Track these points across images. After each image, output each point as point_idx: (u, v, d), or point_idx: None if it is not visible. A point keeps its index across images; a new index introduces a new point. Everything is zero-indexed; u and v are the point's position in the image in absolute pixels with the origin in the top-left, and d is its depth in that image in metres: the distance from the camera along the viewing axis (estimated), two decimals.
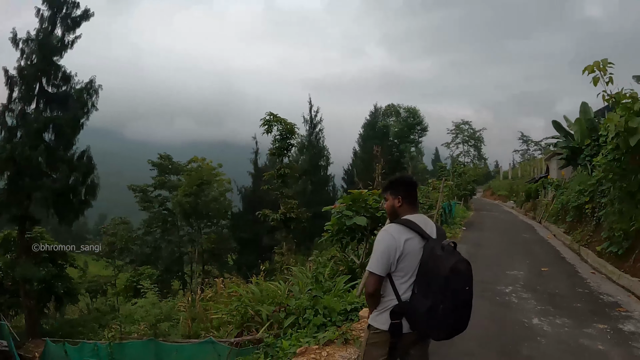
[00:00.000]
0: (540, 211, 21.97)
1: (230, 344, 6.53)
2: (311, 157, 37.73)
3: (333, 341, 5.04)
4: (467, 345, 4.98)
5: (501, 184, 49.46)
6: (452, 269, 2.50)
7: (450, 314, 2.55)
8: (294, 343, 5.19)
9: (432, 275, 2.56)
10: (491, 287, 7.88)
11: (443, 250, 2.58)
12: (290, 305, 6.28)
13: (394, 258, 2.66)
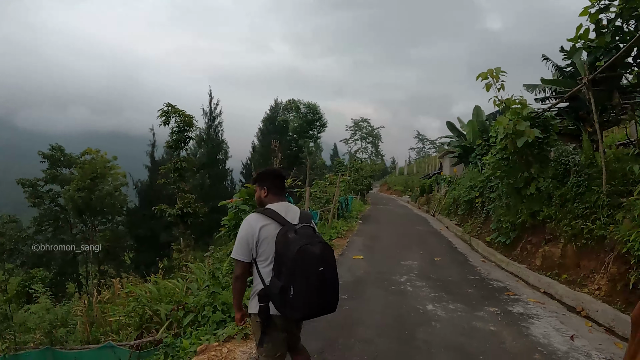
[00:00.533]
0: (433, 205, 23.08)
1: (130, 347, 6.22)
2: (209, 150, 36.59)
3: (233, 337, 4.97)
4: (365, 334, 5.11)
5: (397, 179, 51.86)
6: (299, 250, 2.60)
7: (303, 294, 2.62)
8: (194, 341, 5.04)
9: (283, 257, 2.67)
10: (387, 277, 8.04)
11: (296, 233, 2.70)
12: (189, 303, 6.11)
13: (252, 244, 2.80)
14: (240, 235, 2.87)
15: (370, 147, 75.32)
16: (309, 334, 4.88)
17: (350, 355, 4.54)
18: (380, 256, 10.28)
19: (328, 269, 2.71)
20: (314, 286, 2.64)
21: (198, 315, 5.77)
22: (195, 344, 4.97)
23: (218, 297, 5.86)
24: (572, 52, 8.71)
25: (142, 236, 31.87)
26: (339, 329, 5.24)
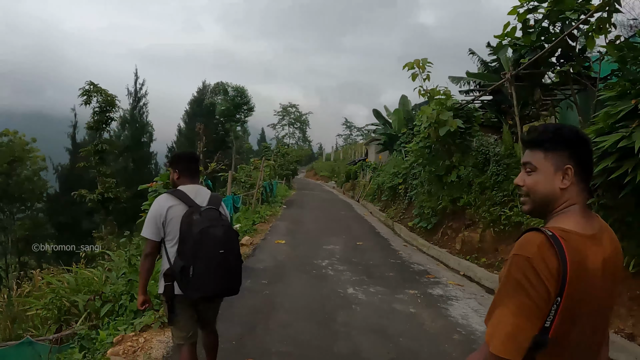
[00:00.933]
0: (358, 191, 23.44)
1: (50, 341, 5.81)
2: (133, 132, 34.64)
3: (150, 326, 4.80)
4: (285, 318, 5.06)
5: (324, 165, 52.16)
6: (200, 231, 2.66)
7: (203, 276, 2.67)
8: (111, 332, 4.79)
9: (186, 238, 2.72)
10: (309, 262, 8.02)
11: (200, 215, 2.75)
12: (106, 292, 5.77)
13: (160, 223, 2.84)
14: (149, 214, 2.92)
15: (298, 132, 75.41)
16: (227, 320, 4.77)
17: (269, 339, 4.46)
18: (303, 241, 10.26)
19: (229, 252, 2.77)
20: (214, 268, 2.69)
21: (115, 305, 5.50)
22: (112, 335, 4.73)
23: (135, 285, 5.52)
24: (498, 49, 9.05)
25: (63, 224, 29.62)
26: (259, 314, 5.14)
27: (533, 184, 1.31)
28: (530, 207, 1.35)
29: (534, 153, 1.33)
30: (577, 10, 6.15)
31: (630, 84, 4.19)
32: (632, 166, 3.61)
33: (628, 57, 4.32)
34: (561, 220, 1.28)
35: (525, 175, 1.34)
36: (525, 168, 1.35)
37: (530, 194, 1.32)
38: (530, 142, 1.35)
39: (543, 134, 1.32)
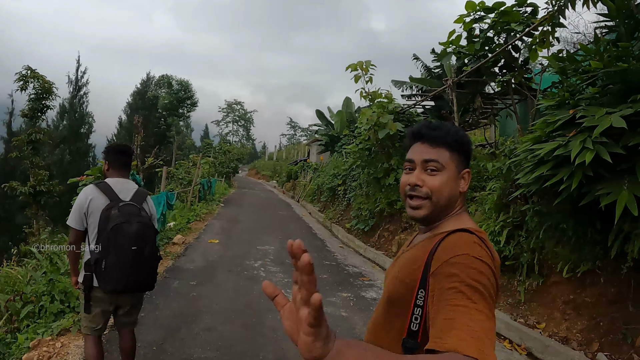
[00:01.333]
0: (299, 191, 23.31)
1: None
2: (72, 123, 32.76)
3: (69, 330, 4.47)
4: (211, 322, 4.80)
5: (266, 164, 51.90)
6: (114, 227, 2.71)
7: (115, 269, 2.71)
8: (29, 336, 4.41)
9: (102, 232, 2.75)
10: (241, 262, 7.78)
11: (118, 210, 2.78)
12: (26, 292, 5.29)
13: (83, 214, 2.85)
14: (75, 203, 2.91)
15: (242, 130, 74.77)
16: (150, 324, 4.51)
17: (191, 345, 4.19)
18: (237, 240, 9.98)
19: (143, 249, 2.79)
20: (125, 263, 2.72)
21: (36, 306, 5.07)
22: (30, 339, 4.33)
23: (57, 285, 5.17)
24: (442, 55, 9.17)
25: None
26: (184, 317, 4.84)
27: (440, 185, 1.19)
28: (429, 211, 1.20)
29: (439, 151, 1.20)
30: (523, 22, 6.27)
31: (569, 95, 4.24)
32: (568, 174, 3.62)
33: (569, 68, 4.39)
34: (460, 222, 1.21)
35: (424, 175, 1.20)
36: (425, 166, 1.20)
37: (434, 197, 1.18)
38: (436, 138, 1.22)
39: (450, 133, 1.23)
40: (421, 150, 1.22)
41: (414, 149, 1.25)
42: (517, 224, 5.49)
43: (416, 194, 1.20)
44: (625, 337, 3.68)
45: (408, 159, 1.25)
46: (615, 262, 3.90)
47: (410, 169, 1.23)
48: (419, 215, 1.21)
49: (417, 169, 1.21)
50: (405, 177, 1.23)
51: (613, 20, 4.01)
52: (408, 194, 1.21)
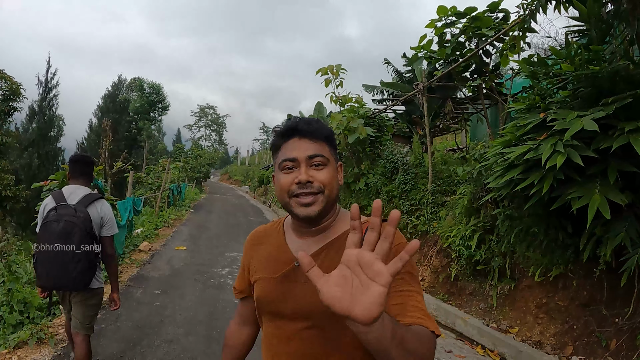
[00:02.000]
0: (270, 196, 22.98)
1: None
2: (41, 125, 31.57)
3: (26, 342, 4.22)
4: (173, 333, 4.60)
5: (238, 169, 51.52)
6: (42, 225, 2.84)
7: (41, 266, 2.82)
8: None
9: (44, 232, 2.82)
10: (207, 270, 7.58)
11: (56, 211, 2.86)
12: None
13: (40, 218, 3.02)
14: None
15: (215, 135, 74.39)
16: (109, 335, 4.32)
17: (152, 357, 4.00)
18: (205, 247, 9.75)
19: (65, 247, 2.79)
20: (47, 260, 2.78)
21: None
22: None
23: (16, 295, 4.91)
24: (413, 60, 9.19)
25: None
26: (145, 328, 4.63)
27: (330, 178, 1.16)
28: (322, 206, 1.14)
29: (321, 145, 1.18)
30: (494, 28, 6.30)
31: (539, 98, 4.25)
32: (538, 178, 3.60)
33: (539, 72, 4.40)
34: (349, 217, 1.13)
35: (312, 171, 1.14)
36: (310, 162, 1.15)
37: (326, 190, 1.14)
38: (314, 132, 1.18)
39: (325, 127, 1.22)
40: (303, 147, 1.16)
41: (291, 146, 1.18)
42: (487, 228, 5.48)
43: (308, 190, 1.13)
44: (599, 340, 3.67)
45: (288, 158, 1.16)
46: (588, 265, 3.90)
47: (290, 168, 1.16)
48: (314, 212, 1.13)
49: (301, 166, 1.15)
50: (288, 176, 1.15)
51: (584, 25, 4.02)
52: (295, 194, 1.13)
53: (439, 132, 10.39)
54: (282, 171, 1.17)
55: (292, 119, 1.21)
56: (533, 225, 4.40)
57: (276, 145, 1.22)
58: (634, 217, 3.28)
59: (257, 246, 1.32)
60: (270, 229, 1.34)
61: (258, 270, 1.26)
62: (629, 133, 2.97)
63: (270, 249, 1.26)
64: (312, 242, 1.20)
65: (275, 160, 1.22)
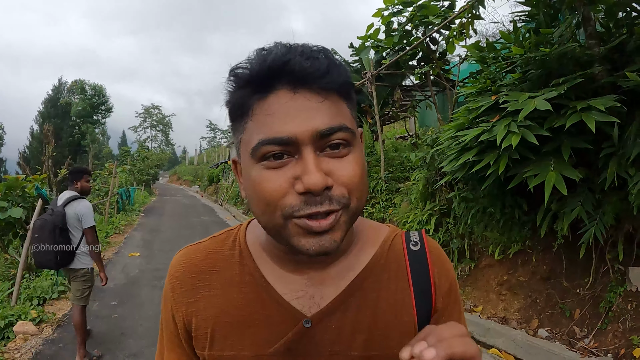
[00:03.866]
0: (221, 194, 22.63)
1: None
2: None
3: None
4: (135, 345, 4.42)
5: (187, 169, 50.43)
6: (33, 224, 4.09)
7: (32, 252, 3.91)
8: None
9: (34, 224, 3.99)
10: (164, 275, 6.94)
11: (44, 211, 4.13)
12: None
13: None
14: None
15: (161, 135, 72.43)
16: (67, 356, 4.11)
17: None
18: (160, 252, 9.41)
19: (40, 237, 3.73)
20: (33, 247, 3.85)
21: None
22: None
23: None
24: (360, 49, 9.21)
25: None
26: (106, 343, 4.40)
27: (360, 173, 0.60)
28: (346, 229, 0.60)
29: (337, 104, 0.60)
30: (440, 16, 6.42)
31: (490, 82, 4.36)
32: (494, 159, 3.69)
33: (488, 57, 4.52)
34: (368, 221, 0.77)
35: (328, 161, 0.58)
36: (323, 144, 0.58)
37: (354, 200, 0.59)
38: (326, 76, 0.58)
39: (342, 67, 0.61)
40: (306, 110, 0.57)
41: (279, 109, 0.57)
42: (444, 212, 5.60)
43: (325, 207, 0.56)
44: (563, 311, 3.84)
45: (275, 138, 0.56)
46: (545, 240, 4.07)
47: (280, 158, 0.57)
48: (334, 245, 0.58)
49: (304, 153, 0.57)
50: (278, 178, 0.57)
51: (532, 9, 4.15)
52: (302, 214, 0.56)
53: (388, 121, 10.51)
54: (261, 164, 0.58)
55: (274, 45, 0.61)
56: (489, 205, 4.53)
57: (241, 106, 0.61)
58: (589, 191, 3.44)
59: (201, 289, 0.71)
60: (219, 253, 0.74)
61: (219, 339, 0.68)
62: (581, 111, 3.09)
63: (237, 297, 0.69)
64: (324, 277, 0.68)
65: (241, 138, 0.62)
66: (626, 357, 3.18)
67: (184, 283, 0.72)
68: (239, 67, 0.60)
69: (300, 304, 0.66)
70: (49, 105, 39.47)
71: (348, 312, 0.66)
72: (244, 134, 0.61)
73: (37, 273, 6.22)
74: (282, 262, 0.69)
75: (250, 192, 0.61)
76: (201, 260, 0.73)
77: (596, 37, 3.58)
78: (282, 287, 0.67)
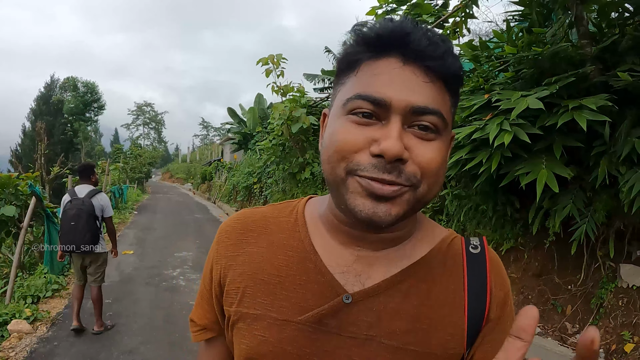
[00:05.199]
0: (214, 192, 22.63)
1: None
2: None
3: None
4: (131, 343, 4.38)
5: (180, 167, 50.21)
6: (63, 211, 4.42)
7: (63, 237, 4.35)
8: None
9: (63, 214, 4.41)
10: (158, 272, 7.32)
11: (71, 202, 4.39)
12: None
13: (61, 208, 4.55)
14: None
15: (153, 133, 72.49)
16: (64, 354, 4.08)
17: None
18: (153, 249, 9.38)
19: (77, 224, 4.29)
20: (67, 234, 4.31)
21: None
22: None
23: None
24: None
25: None
26: (101, 340, 4.38)
27: (439, 163, 0.58)
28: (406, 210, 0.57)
29: (441, 92, 0.59)
30: (434, 14, 6.44)
31: (483, 80, 4.40)
32: (487, 157, 3.74)
33: (481, 56, 4.56)
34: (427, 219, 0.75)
35: (411, 138, 0.57)
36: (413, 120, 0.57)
37: (423, 185, 0.57)
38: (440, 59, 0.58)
39: (457, 59, 0.61)
40: (409, 84, 0.57)
41: (385, 72, 0.58)
42: (437, 209, 5.65)
43: (392, 177, 0.55)
44: (555, 307, 3.89)
45: (371, 96, 0.56)
46: (537, 237, 4.12)
47: (369, 117, 0.57)
48: (389, 217, 0.56)
49: (392, 122, 0.56)
50: (359, 132, 0.57)
51: (525, 9, 4.19)
52: (367, 175, 0.55)
53: None
54: (348, 116, 0.58)
55: (403, 17, 0.61)
56: (482, 202, 4.58)
57: (350, 61, 0.61)
58: (580, 189, 3.50)
59: (246, 245, 0.70)
60: (274, 217, 0.73)
61: (249, 296, 0.66)
62: (573, 110, 3.13)
63: (279, 257, 0.67)
64: (375, 259, 0.65)
65: (340, 89, 0.62)
66: (617, 352, 3.24)
67: (230, 237, 0.72)
68: (363, 26, 0.61)
69: (344, 279, 0.63)
70: (41, 103, 39.13)
71: (394, 298, 0.62)
72: (344, 86, 0.61)
73: (31, 271, 6.19)
74: (335, 233, 0.67)
75: (327, 139, 0.61)
76: (254, 220, 0.73)
77: (588, 37, 3.63)
78: (329, 259, 0.65)
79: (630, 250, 3.54)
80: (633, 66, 3.27)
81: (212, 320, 0.74)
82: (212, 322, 0.74)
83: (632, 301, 3.40)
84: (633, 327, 3.30)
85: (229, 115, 22.61)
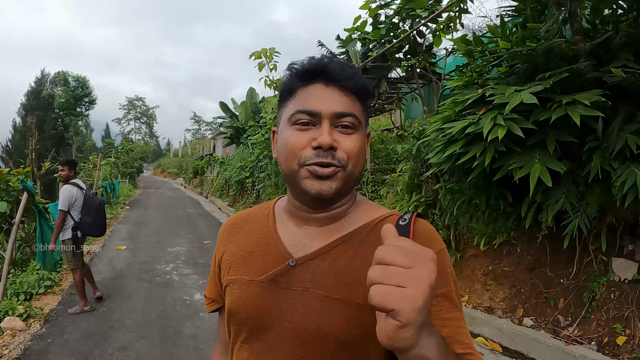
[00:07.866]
0: (206, 187, 22.55)
1: None
2: None
3: None
4: (125, 339, 4.37)
5: (172, 161, 49.99)
6: (99, 204, 5.24)
7: (99, 224, 5.21)
8: None
9: (90, 205, 5.09)
10: (151, 267, 7.32)
11: (89, 192, 5.23)
12: None
13: (72, 201, 4.97)
14: (64, 195, 4.92)
15: (145, 127, 71.92)
16: (57, 351, 4.05)
17: None
18: (146, 244, 9.38)
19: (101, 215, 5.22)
20: (100, 220, 5.19)
21: None
22: None
23: None
24: (347, 41, 9.17)
25: None
26: (95, 337, 4.36)
27: (358, 149, 0.83)
28: (341, 185, 0.82)
29: (352, 100, 0.85)
30: (427, 9, 6.43)
31: (477, 75, 4.41)
32: (480, 151, 3.75)
33: (475, 51, 4.56)
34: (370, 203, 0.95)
35: (337, 134, 0.82)
36: (337, 122, 0.82)
37: (350, 165, 0.82)
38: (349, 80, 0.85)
39: (363, 78, 0.88)
40: (330, 98, 0.83)
41: (313, 93, 0.84)
42: (430, 203, 5.66)
43: (328, 160, 0.80)
44: (547, 300, 3.93)
45: (306, 109, 0.82)
46: (530, 231, 4.15)
47: (306, 125, 0.82)
48: (330, 190, 0.81)
49: (323, 124, 0.81)
50: (302, 136, 0.82)
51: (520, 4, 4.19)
52: (312, 162, 0.80)
53: (374, 113, 10.55)
54: (293, 126, 0.83)
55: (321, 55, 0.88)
56: (475, 197, 4.60)
57: (289, 89, 0.88)
58: (573, 183, 3.52)
59: (234, 235, 0.97)
60: (255, 214, 0.99)
61: (232, 267, 0.91)
62: (567, 105, 3.15)
63: (253, 239, 0.92)
64: (319, 233, 0.87)
65: (284, 110, 0.88)
66: (609, 345, 3.29)
67: (225, 231, 1.01)
68: (295, 64, 0.89)
69: (294, 249, 0.87)
70: (31, 98, 38.60)
71: (325, 260, 0.84)
72: (287, 107, 0.88)
73: (23, 268, 6.14)
74: (292, 218, 0.92)
75: (280, 146, 0.87)
76: (242, 217, 1.02)
77: (582, 33, 3.65)
78: (286, 237, 0.89)
79: (622, 244, 3.58)
80: (626, 62, 3.29)
81: (217, 294, 1.00)
82: (218, 295, 1.01)
83: (624, 294, 3.45)
84: (625, 320, 3.35)
85: (221, 109, 22.50)
